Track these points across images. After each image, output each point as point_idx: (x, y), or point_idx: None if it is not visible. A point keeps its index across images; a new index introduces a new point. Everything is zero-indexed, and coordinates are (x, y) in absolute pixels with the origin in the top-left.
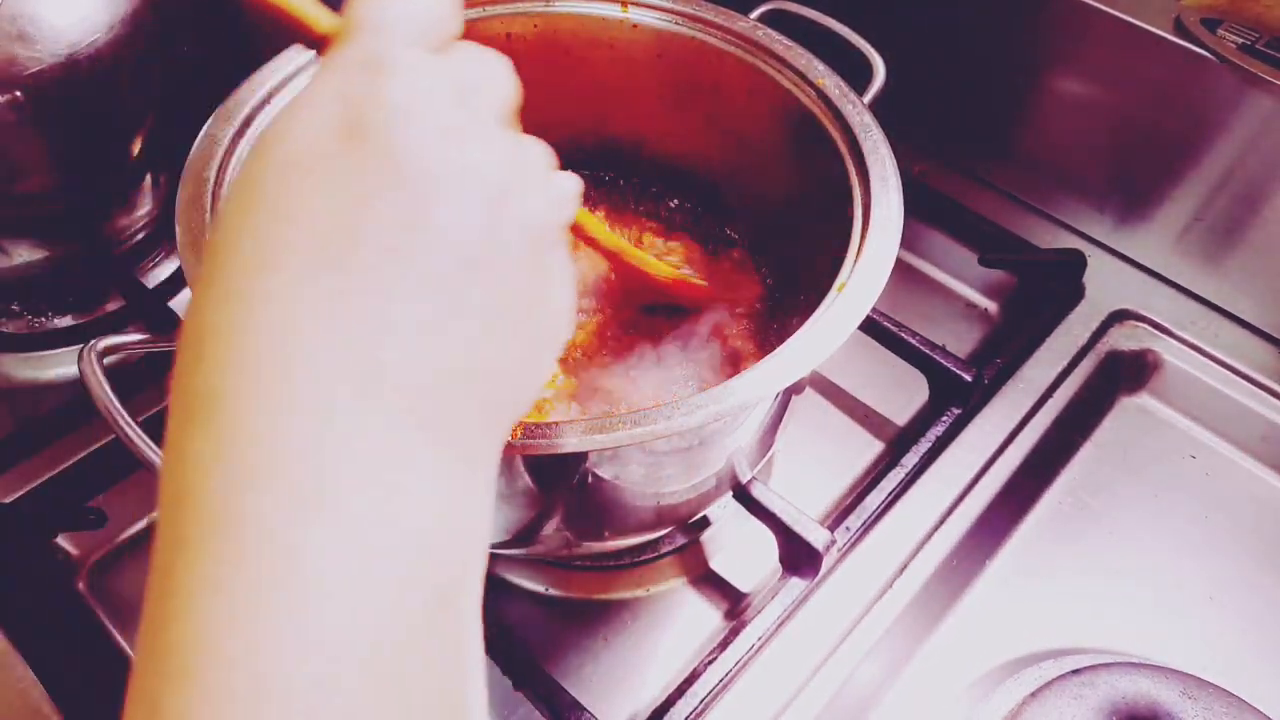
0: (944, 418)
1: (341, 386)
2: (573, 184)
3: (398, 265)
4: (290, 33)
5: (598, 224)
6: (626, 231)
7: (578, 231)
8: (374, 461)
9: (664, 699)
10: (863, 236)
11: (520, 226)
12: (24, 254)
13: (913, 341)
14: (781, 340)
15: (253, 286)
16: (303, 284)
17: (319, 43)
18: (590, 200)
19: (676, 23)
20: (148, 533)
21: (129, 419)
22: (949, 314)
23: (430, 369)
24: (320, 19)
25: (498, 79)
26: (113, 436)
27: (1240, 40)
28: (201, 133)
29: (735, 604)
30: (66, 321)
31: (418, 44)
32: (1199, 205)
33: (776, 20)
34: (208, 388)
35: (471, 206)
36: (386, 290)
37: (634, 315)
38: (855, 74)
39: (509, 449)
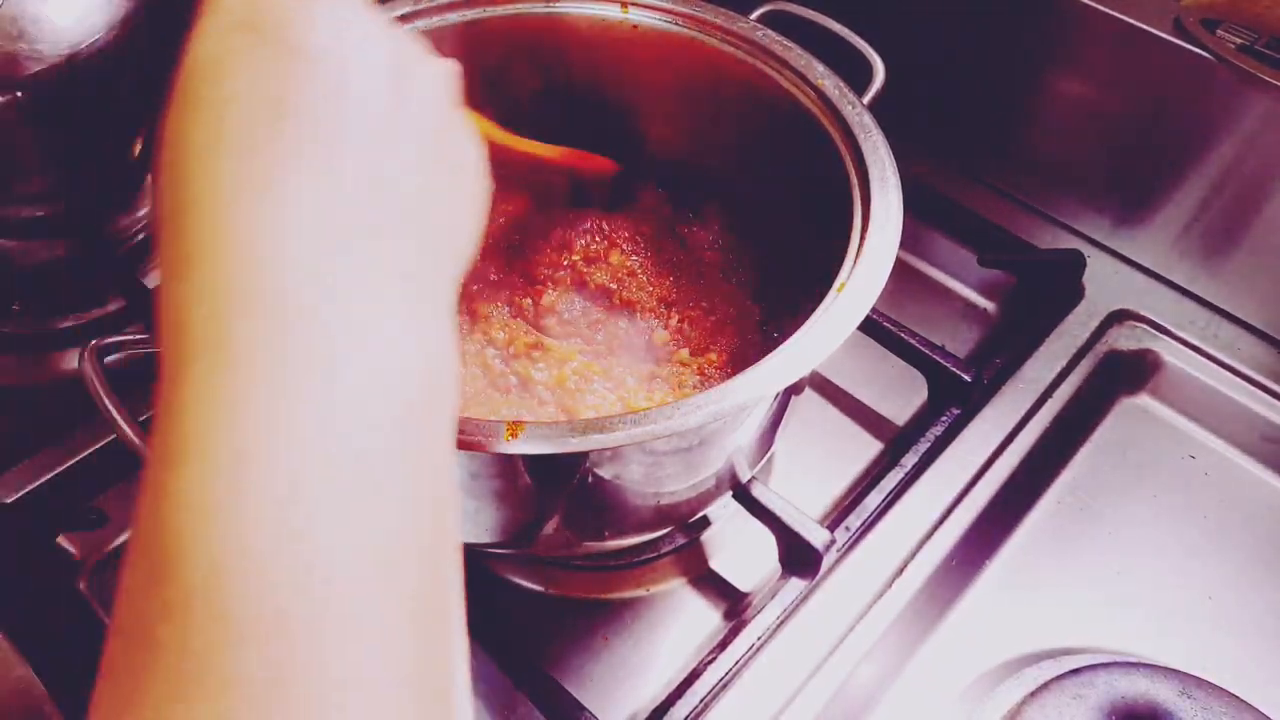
0: (943, 418)
1: (304, 229)
2: (450, 64)
3: (326, 127)
4: None
5: (482, 121)
6: (626, 231)
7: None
8: (344, 288)
9: (664, 699)
10: (862, 236)
11: (421, 92)
12: (24, 254)
13: (912, 341)
14: (781, 340)
15: (211, 166)
16: (251, 156)
17: None
18: (590, 199)
19: (676, 23)
20: None
21: (129, 419)
22: (948, 314)
23: (375, 216)
24: None
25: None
26: (113, 436)
27: (1240, 40)
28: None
29: (735, 604)
30: (66, 322)
31: None
32: (1198, 205)
33: (776, 21)
34: (185, 255)
35: (377, 74)
36: (325, 150)
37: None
38: (855, 74)
39: (508, 449)
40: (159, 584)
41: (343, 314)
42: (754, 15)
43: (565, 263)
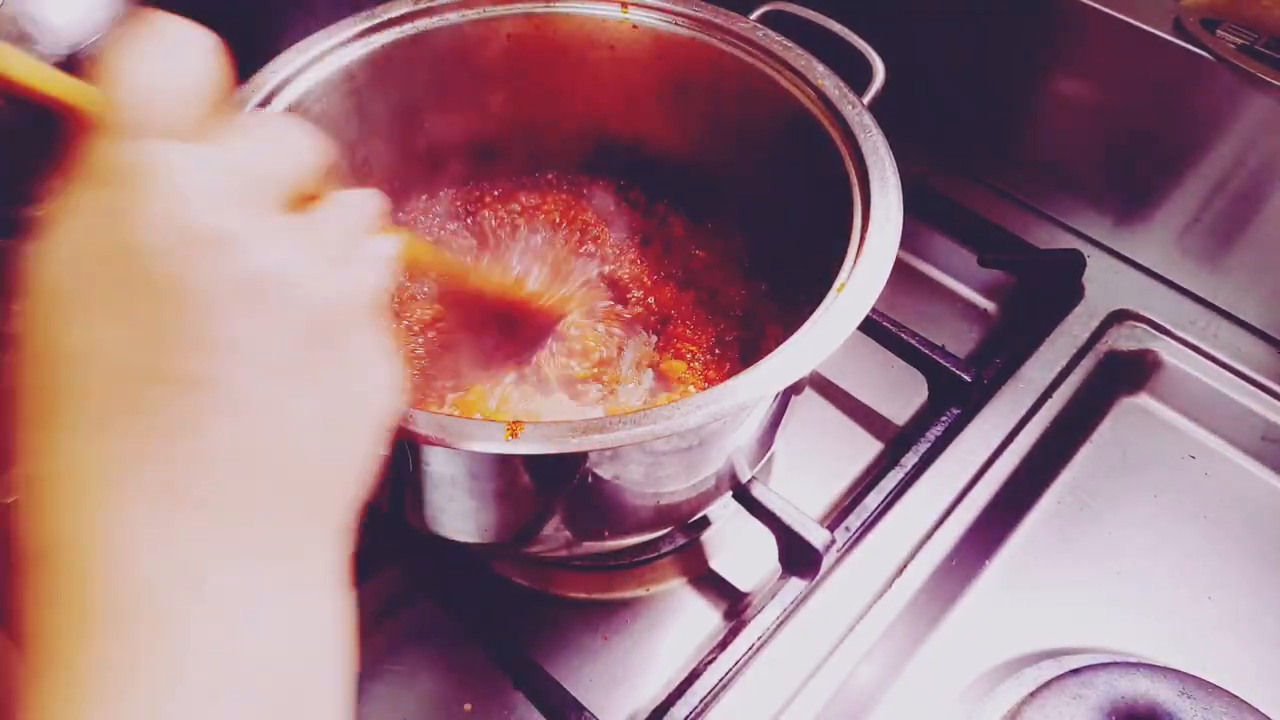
0: (943, 418)
1: (156, 531)
2: (382, 247)
3: (196, 394)
4: (32, 103)
5: (428, 250)
6: (624, 232)
7: (414, 265)
8: (209, 588)
9: (664, 699)
10: (862, 236)
11: (311, 318)
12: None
13: (912, 342)
14: (781, 341)
15: (64, 444)
16: (109, 435)
17: (62, 114)
18: (591, 200)
19: (676, 23)
20: None
21: None
22: (948, 314)
23: (249, 490)
24: (62, 88)
25: (279, 154)
26: None
27: (1239, 40)
28: None
29: (735, 604)
30: None
31: (177, 129)
32: (1198, 205)
33: (776, 21)
34: (38, 543)
35: (258, 313)
36: (191, 421)
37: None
38: (855, 75)
39: (508, 449)
40: None
41: (204, 619)
42: (754, 15)
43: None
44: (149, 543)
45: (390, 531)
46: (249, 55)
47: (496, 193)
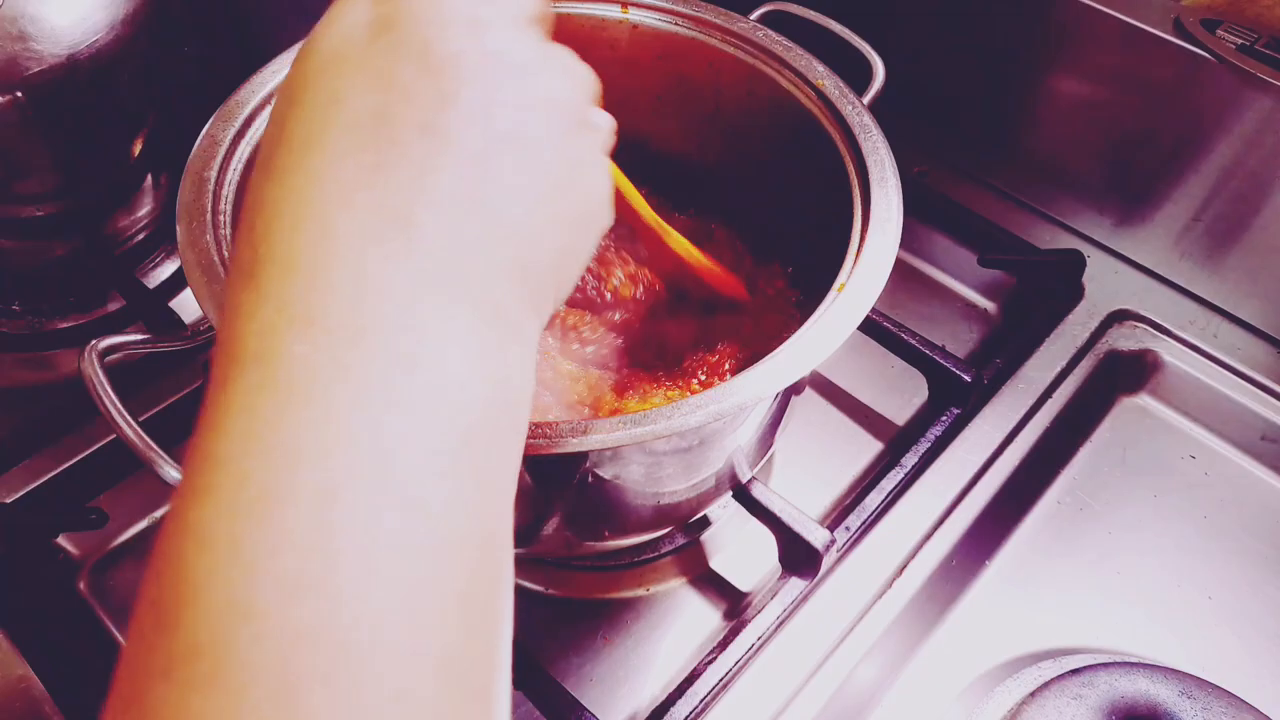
0: (943, 418)
1: (376, 248)
2: (592, 77)
3: (429, 141)
4: None
5: (637, 195)
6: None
7: (618, 201)
8: (408, 313)
9: (664, 699)
10: (862, 236)
11: (547, 106)
12: (24, 254)
13: (912, 341)
14: (781, 340)
15: (298, 164)
16: (343, 161)
17: None
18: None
19: (676, 23)
20: (148, 533)
21: (129, 419)
22: (949, 314)
23: (463, 237)
24: None
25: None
26: (113, 436)
27: (1239, 41)
28: (202, 133)
29: (735, 604)
30: (66, 322)
31: None
32: (1198, 205)
33: (776, 21)
34: (255, 256)
35: (498, 85)
36: (420, 163)
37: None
38: (855, 74)
39: None
40: (164, 632)
41: (406, 346)
42: (754, 15)
43: None
44: (354, 257)
45: None
46: (249, 56)
47: None
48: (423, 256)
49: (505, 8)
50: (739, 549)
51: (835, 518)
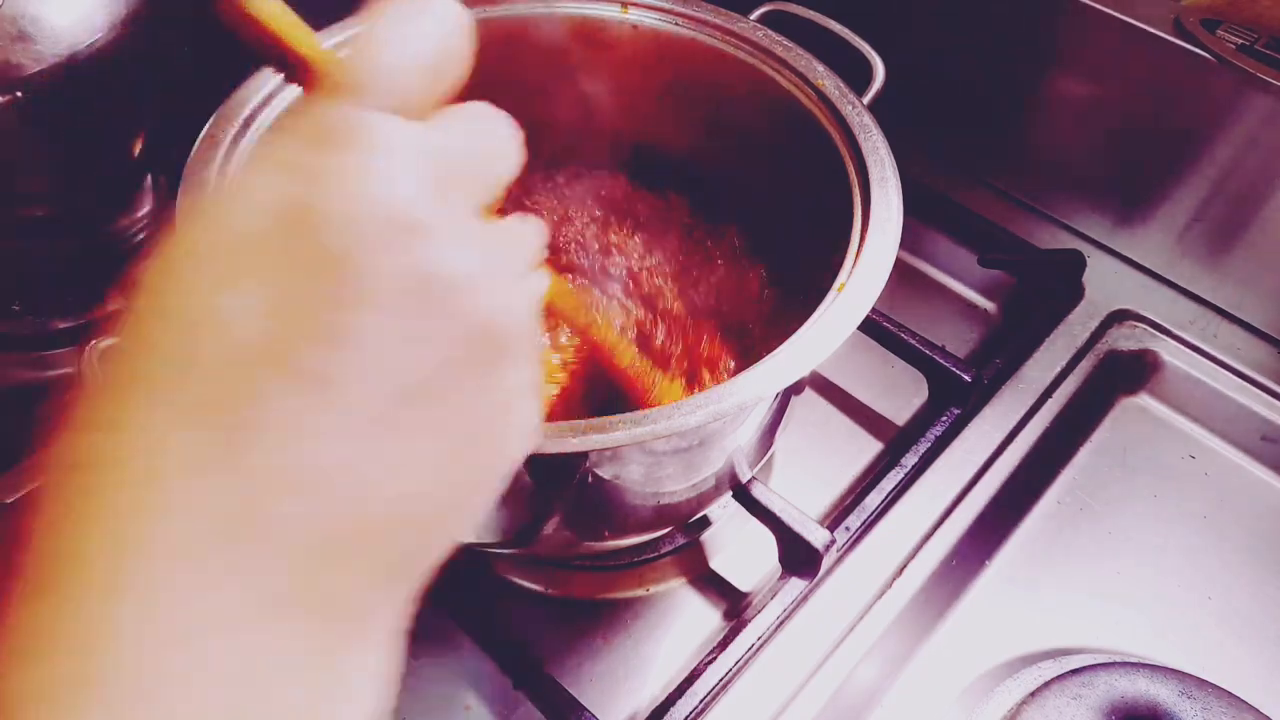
0: (943, 418)
1: (179, 543)
2: (542, 283)
3: (313, 396)
4: (266, 51)
5: (572, 298)
6: (622, 232)
7: (551, 310)
8: (235, 647)
9: (664, 699)
10: (862, 236)
11: (474, 335)
12: (24, 254)
13: (912, 342)
14: (781, 341)
15: (135, 414)
16: (181, 416)
17: (294, 67)
18: (590, 200)
19: (676, 24)
20: None
21: None
22: (949, 314)
23: (309, 523)
24: (303, 41)
25: (490, 151)
26: None
27: (1239, 40)
28: (202, 133)
29: (735, 604)
30: (66, 322)
31: (402, 106)
32: (1198, 205)
33: (776, 21)
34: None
35: (410, 316)
36: (290, 425)
37: None
38: (855, 75)
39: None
40: None
41: (221, 668)
42: (754, 15)
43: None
44: (174, 555)
45: None
46: (249, 56)
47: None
48: (255, 571)
49: (460, 199)
50: (739, 549)
51: (835, 518)
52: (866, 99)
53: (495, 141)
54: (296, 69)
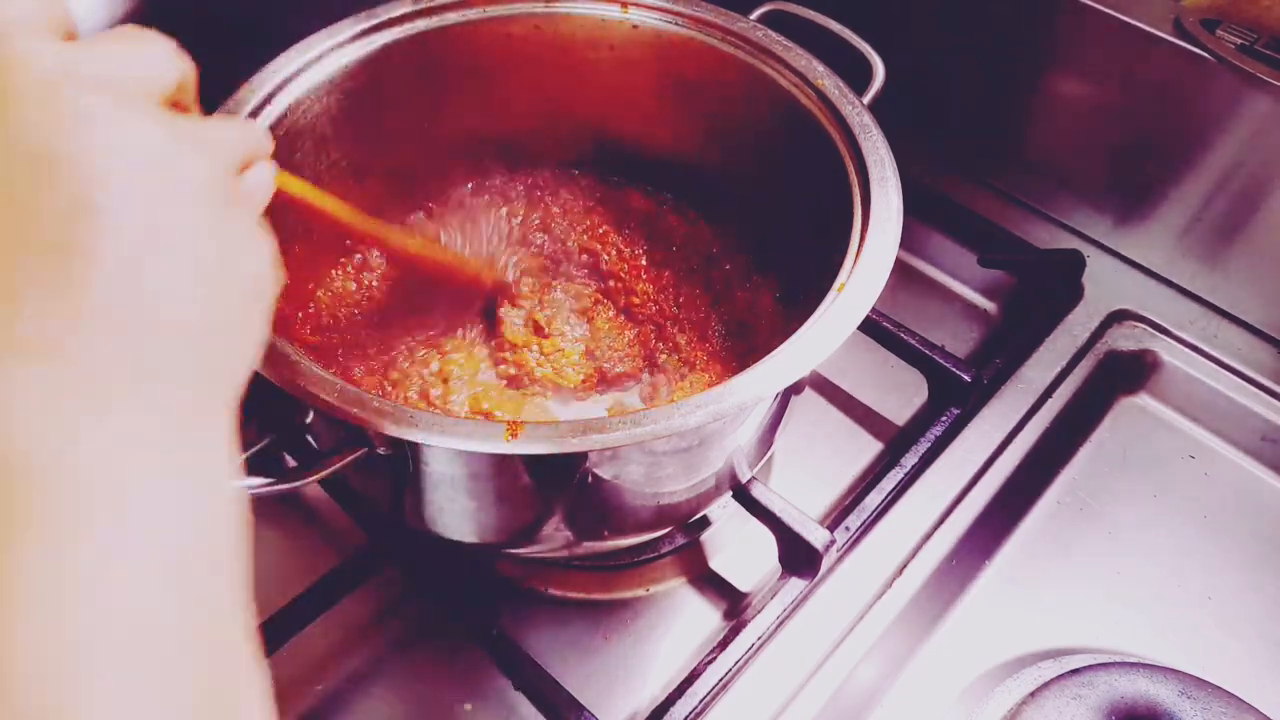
0: (943, 418)
1: (49, 391)
2: (237, 137)
3: (65, 258)
4: None
5: (301, 185)
6: (624, 232)
7: (285, 195)
8: (97, 448)
9: (664, 698)
10: (862, 237)
11: (184, 192)
12: None
13: (912, 342)
14: (781, 341)
15: None
16: None
17: None
18: (589, 202)
19: (676, 23)
20: None
21: None
22: (948, 314)
23: (120, 352)
24: None
25: (144, 61)
26: None
27: (1239, 41)
28: None
29: (735, 604)
30: None
31: (51, 34)
32: (1198, 205)
33: (776, 21)
34: None
35: (127, 182)
36: (60, 284)
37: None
38: (855, 75)
39: (508, 449)
40: None
41: (96, 479)
42: (754, 15)
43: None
44: (16, 397)
45: (390, 531)
46: (249, 56)
47: (487, 196)
48: (82, 381)
49: (121, 91)
50: (739, 549)
51: (835, 518)
52: (866, 99)
53: (147, 47)
54: None
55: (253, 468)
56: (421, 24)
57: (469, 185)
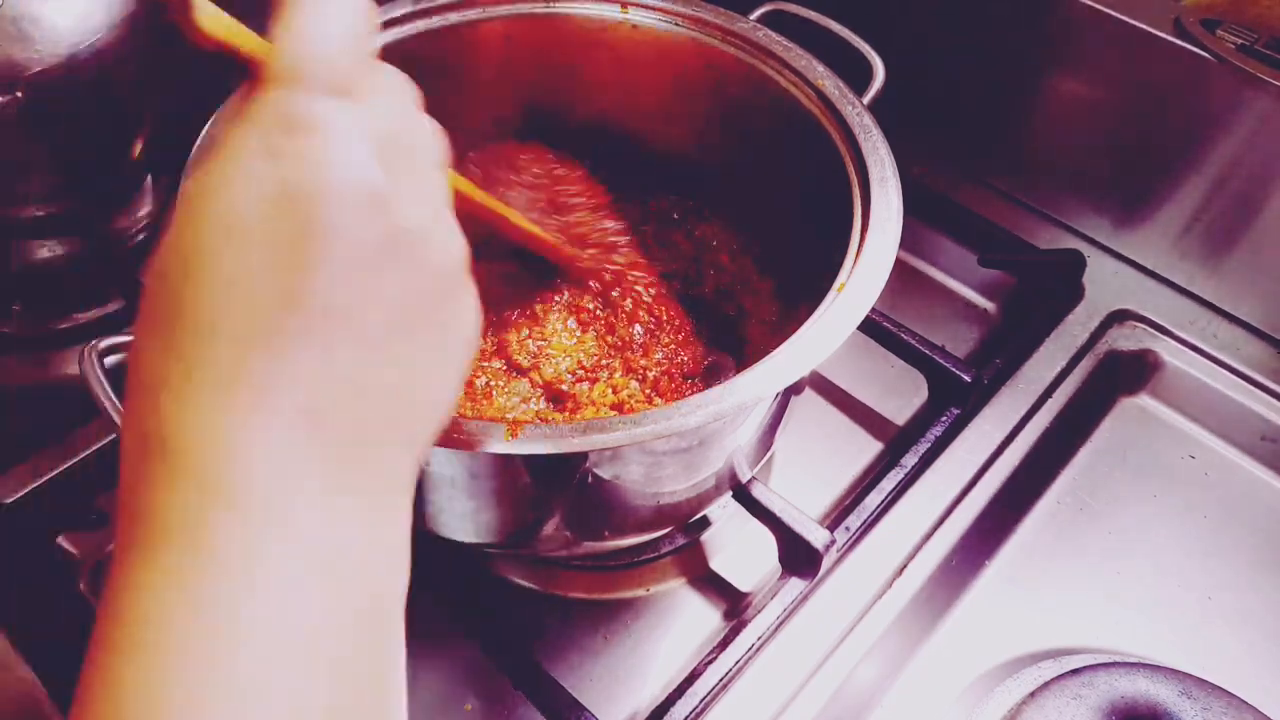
0: (943, 418)
1: (283, 434)
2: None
3: (330, 325)
4: (218, 54)
5: (476, 192)
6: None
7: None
8: (313, 491)
9: (664, 699)
10: (862, 237)
11: (440, 271)
12: (24, 254)
13: (912, 342)
14: (781, 340)
15: (198, 354)
16: (235, 349)
17: (243, 65)
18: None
19: (676, 24)
20: None
21: None
22: (948, 314)
23: (364, 422)
24: (248, 43)
25: (415, 124)
26: (113, 436)
27: (1239, 41)
28: (202, 133)
29: (735, 604)
30: (66, 322)
31: (336, 91)
32: (1198, 205)
33: (776, 21)
34: (159, 429)
35: (398, 265)
36: (320, 352)
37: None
38: (855, 75)
39: (508, 449)
40: None
41: (310, 518)
42: (754, 15)
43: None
44: (265, 445)
45: None
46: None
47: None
48: (322, 444)
49: (402, 164)
50: (739, 549)
51: (835, 518)
52: (866, 99)
53: (413, 109)
54: (246, 66)
55: None
56: (421, 24)
57: None
